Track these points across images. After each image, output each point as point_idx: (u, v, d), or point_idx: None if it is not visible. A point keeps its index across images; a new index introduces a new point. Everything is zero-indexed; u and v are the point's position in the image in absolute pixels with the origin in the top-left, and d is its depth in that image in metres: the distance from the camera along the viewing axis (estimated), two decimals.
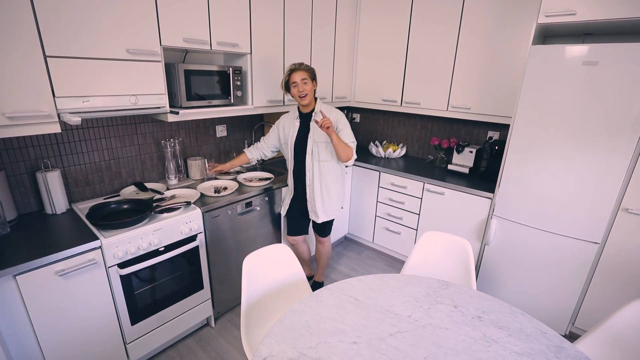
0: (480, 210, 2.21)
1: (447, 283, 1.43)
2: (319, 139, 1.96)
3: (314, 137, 1.96)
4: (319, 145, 1.96)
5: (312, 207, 2.08)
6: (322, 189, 2.02)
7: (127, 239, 1.50)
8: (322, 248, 2.33)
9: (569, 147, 1.77)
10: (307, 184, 2.03)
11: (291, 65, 1.87)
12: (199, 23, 1.76)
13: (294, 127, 2.01)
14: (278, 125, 2.11)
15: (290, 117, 2.07)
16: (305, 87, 1.86)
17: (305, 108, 1.97)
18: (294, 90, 1.88)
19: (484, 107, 2.30)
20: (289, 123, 2.05)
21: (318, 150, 1.97)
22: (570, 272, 1.91)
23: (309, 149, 1.97)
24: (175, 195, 1.89)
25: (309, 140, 1.97)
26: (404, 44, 2.56)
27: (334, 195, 2.07)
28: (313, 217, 2.10)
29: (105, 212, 1.64)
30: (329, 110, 1.96)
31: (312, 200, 2.05)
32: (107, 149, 1.87)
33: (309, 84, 1.87)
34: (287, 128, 2.06)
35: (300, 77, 1.84)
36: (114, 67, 1.49)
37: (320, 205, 2.05)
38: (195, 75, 1.80)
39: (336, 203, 2.11)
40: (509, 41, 2.11)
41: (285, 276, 1.55)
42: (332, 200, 2.08)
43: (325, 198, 2.05)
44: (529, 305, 2.08)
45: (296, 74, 1.85)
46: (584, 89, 1.67)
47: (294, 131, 2.02)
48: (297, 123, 2.01)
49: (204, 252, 1.84)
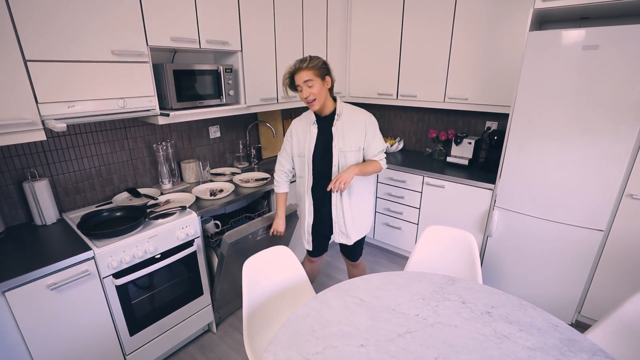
0: (482, 201, 2.18)
1: (453, 278, 1.39)
2: (347, 146, 1.60)
3: (339, 146, 1.60)
4: (346, 155, 1.61)
5: (340, 229, 1.72)
6: (351, 205, 1.69)
7: (121, 247, 1.44)
8: (356, 272, 1.94)
9: (570, 133, 1.74)
10: (334, 203, 1.67)
11: (293, 64, 1.51)
12: (187, 21, 1.70)
13: (311, 134, 1.63)
14: (291, 134, 1.71)
15: (305, 122, 1.67)
16: (312, 90, 1.49)
17: (322, 112, 1.62)
18: (300, 95, 1.55)
19: (481, 97, 2.26)
20: (304, 130, 1.66)
21: (346, 162, 1.61)
22: (575, 260, 1.89)
23: (335, 161, 1.61)
24: (169, 200, 1.84)
25: (334, 150, 1.60)
26: (398, 36, 2.51)
27: (364, 207, 1.75)
28: (342, 240, 1.74)
29: (97, 221, 1.59)
30: (354, 114, 1.62)
31: (341, 222, 1.70)
32: (97, 155, 1.81)
33: (316, 86, 1.50)
34: (302, 136, 1.67)
35: (304, 79, 1.48)
36: (99, 70, 1.43)
37: (350, 224, 1.70)
38: (185, 76, 1.74)
39: (367, 215, 1.79)
40: (504, 28, 2.07)
41: (287, 278, 1.50)
42: (363, 214, 1.75)
43: (355, 214, 1.71)
44: (535, 295, 2.06)
45: (298, 75, 1.49)
46: (585, 74, 1.64)
47: (310, 140, 1.63)
48: (315, 130, 1.63)
49: (202, 257, 1.80)
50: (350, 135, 1.61)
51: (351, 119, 1.62)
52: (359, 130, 1.61)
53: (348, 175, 1.52)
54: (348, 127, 1.61)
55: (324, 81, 1.53)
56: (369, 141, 1.63)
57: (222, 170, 2.33)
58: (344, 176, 1.52)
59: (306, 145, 1.65)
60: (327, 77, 1.54)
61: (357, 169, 1.56)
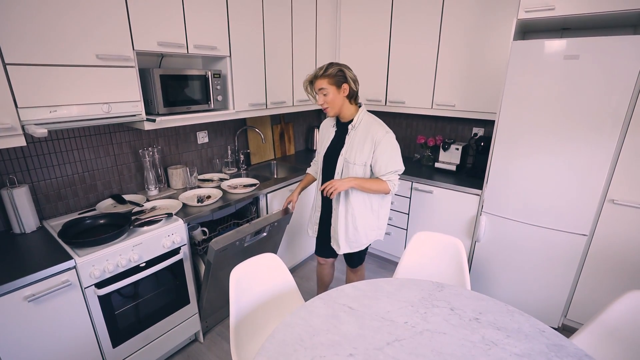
0: (470, 207, 2.20)
1: (442, 285, 1.39)
2: (352, 158, 1.61)
3: (345, 156, 1.62)
4: (349, 167, 1.62)
5: (333, 234, 1.77)
6: (347, 217, 1.69)
7: (104, 256, 1.40)
8: (354, 277, 1.97)
9: (553, 140, 1.78)
10: (333, 207, 1.73)
11: (312, 73, 1.59)
12: (174, 26, 1.68)
13: (328, 135, 1.73)
14: (320, 131, 1.84)
15: (329, 123, 1.76)
16: (325, 98, 1.55)
17: (342, 117, 1.66)
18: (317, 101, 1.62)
19: (468, 104, 2.30)
20: (326, 128, 1.77)
21: (348, 172, 1.63)
22: (560, 265, 1.92)
23: (338, 169, 1.65)
24: (155, 207, 1.80)
25: (339, 158, 1.64)
26: (386, 43, 2.54)
27: (360, 226, 1.71)
28: (333, 244, 1.79)
29: (79, 229, 1.54)
30: (368, 128, 1.59)
31: (335, 227, 1.74)
32: (80, 161, 1.76)
33: (330, 94, 1.54)
34: (323, 135, 1.77)
35: (319, 87, 1.55)
36: (83, 74, 1.40)
37: (342, 234, 1.72)
38: (172, 81, 1.72)
39: (363, 235, 1.74)
40: (490, 38, 2.12)
41: (276, 286, 1.48)
42: (358, 231, 1.72)
43: (350, 228, 1.71)
44: (522, 299, 2.09)
45: (315, 83, 1.57)
46: (566, 83, 1.68)
47: (327, 140, 1.72)
48: (332, 133, 1.71)
49: (188, 265, 1.76)
50: (358, 148, 1.60)
51: (365, 132, 1.59)
52: (367, 145, 1.58)
53: (342, 183, 1.55)
54: (359, 139, 1.61)
55: (339, 89, 1.55)
56: (376, 158, 1.58)
57: (210, 176, 2.30)
58: (338, 183, 1.54)
59: (322, 145, 1.76)
60: (344, 84, 1.55)
61: (355, 182, 1.57)
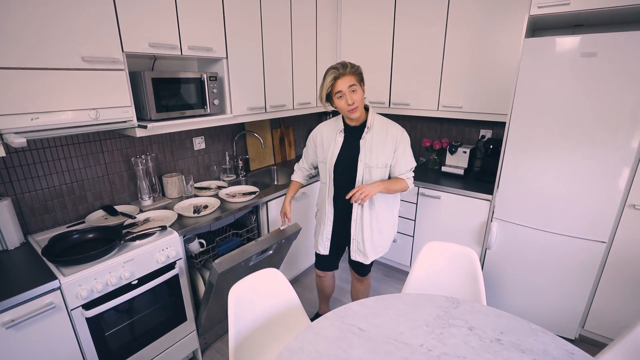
0: (480, 213, 2.10)
1: (458, 300, 1.29)
2: (374, 162, 1.51)
3: (365, 161, 1.51)
4: (372, 171, 1.52)
5: (357, 247, 1.65)
6: (371, 223, 1.60)
7: (92, 275, 1.30)
8: (361, 287, 1.88)
9: (569, 142, 1.68)
10: (354, 219, 1.60)
11: (332, 68, 1.43)
12: (167, 26, 1.58)
13: (336, 142, 1.56)
14: (315, 137, 1.66)
15: (332, 127, 1.61)
16: (355, 96, 1.43)
17: (353, 121, 1.54)
18: (339, 103, 1.45)
19: (475, 105, 2.20)
20: (330, 136, 1.60)
21: (370, 176, 1.53)
22: (577, 273, 1.82)
23: (359, 176, 1.53)
24: (149, 219, 1.69)
25: (359, 165, 1.52)
26: (389, 43, 2.45)
27: (385, 227, 1.65)
28: (359, 257, 1.67)
29: (66, 244, 1.43)
30: (385, 128, 1.53)
31: (359, 239, 1.62)
32: (69, 171, 1.66)
33: (358, 92, 1.44)
34: (327, 142, 1.60)
35: (348, 84, 1.41)
36: (67, 78, 1.30)
37: (369, 242, 1.62)
38: (165, 84, 1.62)
39: (387, 237, 1.69)
40: (498, 35, 2.02)
41: (278, 303, 1.38)
42: (383, 234, 1.65)
43: (375, 234, 1.63)
44: (536, 310, 1.98)
45: (342, 80, 1.41)
46: (583, 82, 1.59)
47: (335, 148, 1.56)
48: (341, 138, 1.56)
49: (185, 281, 1.65)
50: (379, 151, 1.52)
51: (382, 133, 1.53)
52: (388, 146, 1.53)
53: (372, 189, 1.46)
54: (377, 141, 1.53)
55: (362, 88, 1.48)
56: (397, 158, 1.54)
57: (207, 183, 2.20)
58: (368, 189, 1.44)
59: (329, 153, 1.59)
60: (362, 84, 1.49)
61: (383, 186, 1.49)
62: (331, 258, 1.81)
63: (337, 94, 1.44)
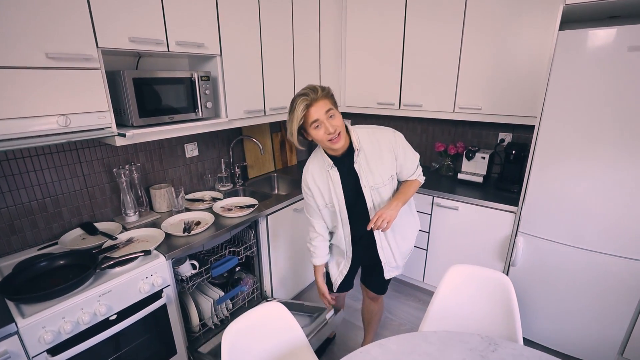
0: (503, 226, 1.90)
1: (494, 340, 1.09)
2: (379, 181, 1.33)
3: (370, 184, 1.33)
4: (380, 191, 1.35)
5: (390, 266, 1.50)
6: (395, 237, 1.46)
7: (59, 313, 1.09)
8: (375, 307, 1.75)
9: (610, 149, 1.48)
10: (379, 246, 1.44)
11: (300, 95, 1.18)
12: (150, 18, 1.37)
13: (333, 181, 1.33)
14: (308, 187, 1.39)
15: (317, 168, 1.36)
16: (335, 121, 1.20)
17: (337, 151, 1.29)
18: (317, 134, 1.20)
19: (496, 106, 2.00)
20: (321, 178, 1.36)
21: (381, 197, 1.36)
22: (616, 295, 1.61)
23: (369, 202, 1.35)
24: (132, 239, 1.48)
25: (364, 191, 1.34)
26: (400, 39, 2.23)
27: (409, 230, 1.52)
28: (394, 273, 1.53)
29: (32, 274, 1.22)
30: (374, 140, 1.32)
31: (391, 260, 1.49)
32: (39, 185, 1.45)
33: (337, 116, 1.21)
34: (322, 186, 1.37)
35: (324, 110, 1.18)
36: (29, 79, 1.09)
37: (399, 255, 1.50)
38: (149, 85, 1.41)
39: (411, 239, 1.56)
40: (523, 29, 1.82)
41: (281, 343, 1.17)
42: (407, 239, 1.52)
43: (401, 244, 1.49)
44: (567, 334, 1.78)
45: (315, 107, 1.17)
46: (629, 80, 1.38)
47: (335, 187, 1.34)
48: (336, 174, 1.33)
49: (174, 310, 1.44)
50: (378, 167, 1.32)
51: (375, 147, 1.32)
52: (387, 157, 1.33)
53: (392, 212, 1.27)
54: (373, 159, 1.32)
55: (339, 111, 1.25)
56: (401, 164, 1.37)
57: (200, 195, 1.98)
58: (388, 213, 1.25)
59: (333, 195, 1.36)
60: (337, 106, 1.26)
61: (401, 202, 1.32)
62: (346, 279, 1.60)
63: (313, 124, 1.18)
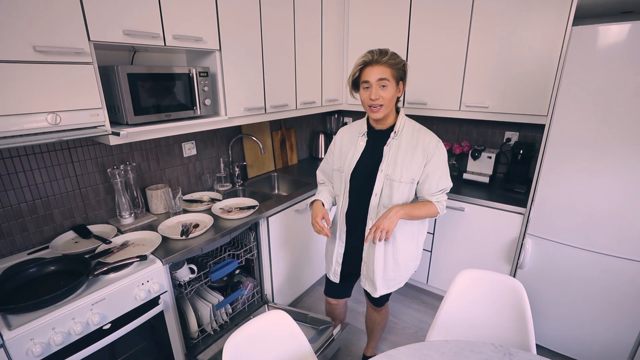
0: (510, 227, 1.85)
1: (509, 350, 1.04)
2: (397, 174, 1.25)
3: (387, 172, 1.26)
4: (393, 186, 1.26)
5: (366, 273, 1.40)
6: (386, 252, 1.34)
7: (49, 323, 1.02)
8: (378, 317, 1.66)
9: (624, 149, 1.43)
10: (365, 254, 1.37)
11: (368, 52, 1.19)
12: (146, 10, 1.30)
13: (356, 147, 1.32)
14: (334, 144, 1.42)
15: (354, 131, 1.37)
16: (382, 93, 1.18)
17: (378, 123, 1.29)
18: (363, 95, 1.23)
19: (504, 104, 1.94)
20: (350, 141, 1.36)
21: (391, 192, 1.26)
22: (628, 300, 1.57)
23: (376, 189, 1.28)
24: (127, 243, 1.41)
25: (378, 175, 1.27)
26: (404, 34, 2.17)
27: (402, 259, 1.37)
28: (367, 287, 1.43)
29: (20, 281, 1.15)
30: (417, 136, 1.27)
31: (370, 265, 1.37)
32: (29, 186, 1.38)
33: (388, 88, 1.19)
34: (347, 147, 1.36)
35: (377, 76, 1.17)
36: (15, 74, 1.02)
37: (380, 272, 1.36)
38: (144, 81, 1.34)
39: (405, 269, 1.41)
40: (533, 25, 1.76)
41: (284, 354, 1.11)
42: (399, 265, 1.37)
43: (389, 263, 1.36)
44: (575, 339, 1.74)
45: (371, 69, 1.17)
46: None
47: (354, 153, 1.32)
48: (363, 142, 1.31)
49: (171, 317, 1.38)
50: (405, 162, 1.25)
51: (412, 141, 1.27)
52: (417, 157, 1.26)
53: (391, 222, 1.19)
54: (405, 151, 1.26)
55: (397, 86, 1.23)
56: (428, 173, 1.27)
57: (199, 195, 1.92)
58: (386, 223, 1.19)
59: (347, 159, 1.34)
60: (402, 83, 1.25)
61: (403, 212, 1.22)
62: (343, 284, 1.55)
63: (364, 84, 1.21)
